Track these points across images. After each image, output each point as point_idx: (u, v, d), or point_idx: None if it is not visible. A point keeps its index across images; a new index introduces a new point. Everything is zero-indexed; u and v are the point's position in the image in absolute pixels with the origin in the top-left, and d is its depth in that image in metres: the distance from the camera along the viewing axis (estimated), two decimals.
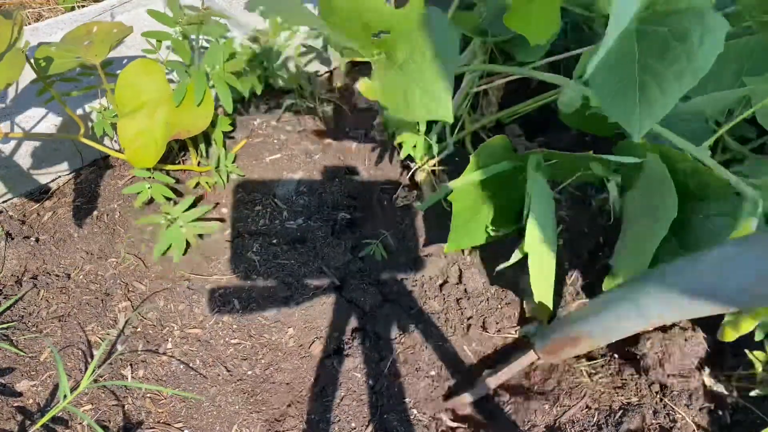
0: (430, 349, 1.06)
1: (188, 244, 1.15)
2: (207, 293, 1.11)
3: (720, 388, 0.96)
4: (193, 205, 1.17)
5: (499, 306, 1.10)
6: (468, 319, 1.10)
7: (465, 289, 1.13)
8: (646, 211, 0.88)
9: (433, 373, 1.03)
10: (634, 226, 0.93)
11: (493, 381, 0.93)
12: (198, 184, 1.25)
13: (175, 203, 1.23)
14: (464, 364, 1.06)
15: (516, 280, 1.13)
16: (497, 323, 1.09)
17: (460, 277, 1.15)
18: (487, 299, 1.12)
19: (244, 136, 1.36)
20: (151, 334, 1.06)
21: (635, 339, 1.04)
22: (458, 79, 1.17)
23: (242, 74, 1.17)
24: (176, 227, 1.12)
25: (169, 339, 1.05)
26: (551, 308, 0.90)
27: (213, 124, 1.26)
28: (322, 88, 1.50)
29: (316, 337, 1.06)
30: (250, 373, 1.02)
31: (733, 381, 0.96)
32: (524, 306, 1.08)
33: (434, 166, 1.23)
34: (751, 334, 0.98)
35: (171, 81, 1.15)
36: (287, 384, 1.01)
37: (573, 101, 0.89)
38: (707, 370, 0.97)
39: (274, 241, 1.20)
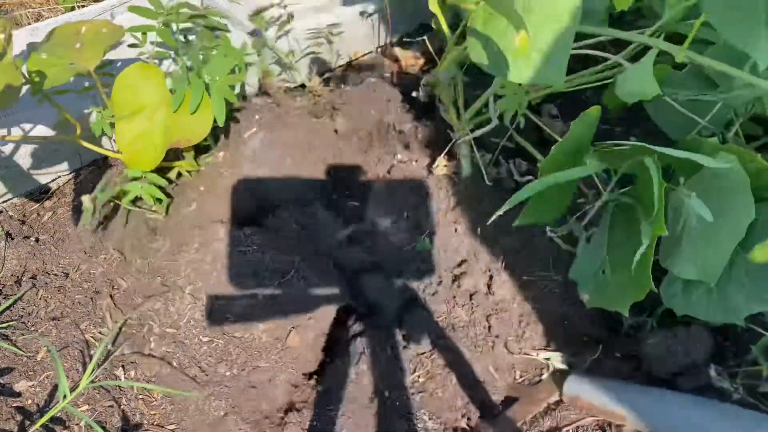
0: (440, 355, 1.05)
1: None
2: (178, 289, 1.07)
3: (726, 384, 0.94)
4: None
5: (528, 323, 1.07)
6: (496, 337, 1.07)
7: (494, 300, 1.09)
8: (713, 212, 0.81)
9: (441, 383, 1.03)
10: (695, 227, 0.87)
11: (519, 419, 0.97)
12: (180, 174, 1.22)
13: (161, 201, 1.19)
14: (483, 381, 1.04)
15: (543, 292, 1.09)
16: (524, 342, 1.06)
17: (489, 286, 1.11)
18: (520, 315, 1.08)
19: (242, 123, 1.32)
20: (135, 333, 1.05)
21: (636, 337, 1.03)
22: None
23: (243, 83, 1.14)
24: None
25: (151, 339, 1.04)
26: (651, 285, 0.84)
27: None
28: (320, 69, 1.46)
29: (292, 327, 1.03)
30: (228, 374, 1.00)
31: (739, 378, 0.94)
32: (583, 299, 1.02)
33: (474, 138, 1.15)
34: (752, 333, 0.97)
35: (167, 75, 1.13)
36: (269, 381, 1.00)
37: (643, 88, 0.75)
38: (713, 367, 0.95)
39: (255, 228, 1.15)
